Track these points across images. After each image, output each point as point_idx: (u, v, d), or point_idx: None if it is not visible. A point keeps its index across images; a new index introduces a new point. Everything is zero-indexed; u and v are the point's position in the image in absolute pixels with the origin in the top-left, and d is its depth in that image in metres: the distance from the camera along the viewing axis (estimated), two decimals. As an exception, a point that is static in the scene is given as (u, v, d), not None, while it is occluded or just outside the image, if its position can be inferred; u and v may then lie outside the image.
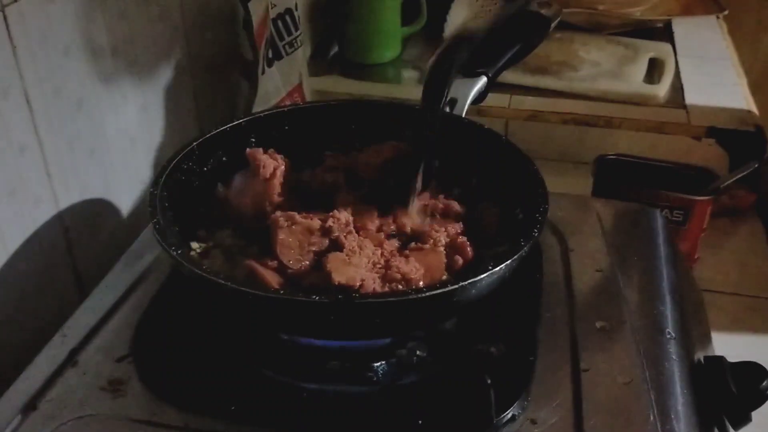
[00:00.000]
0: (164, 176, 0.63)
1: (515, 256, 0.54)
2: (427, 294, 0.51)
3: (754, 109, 1.10)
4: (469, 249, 0.60)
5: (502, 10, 0.80)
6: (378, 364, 0.58)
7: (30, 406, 0.54)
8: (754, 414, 0.60)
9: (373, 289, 0.56)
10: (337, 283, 0.55)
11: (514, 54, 0.77)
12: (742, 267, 0.97)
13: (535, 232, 0.57)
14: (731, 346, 0.66)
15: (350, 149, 0.71)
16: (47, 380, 0.56)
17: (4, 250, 0.64)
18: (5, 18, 0.60)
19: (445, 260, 0.60)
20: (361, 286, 0.55)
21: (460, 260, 0.60)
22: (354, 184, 0.67)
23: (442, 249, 0.60)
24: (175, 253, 0.55)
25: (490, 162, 0.68)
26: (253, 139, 0.72)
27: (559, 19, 0.81)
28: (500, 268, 0.53)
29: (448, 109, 0.71)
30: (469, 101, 0.71)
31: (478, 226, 0.64)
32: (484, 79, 0.73)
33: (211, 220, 0.66)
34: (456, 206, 0.65)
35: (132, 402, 0.55)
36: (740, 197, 1.06)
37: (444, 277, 0.58)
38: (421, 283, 0.57)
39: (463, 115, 0.71)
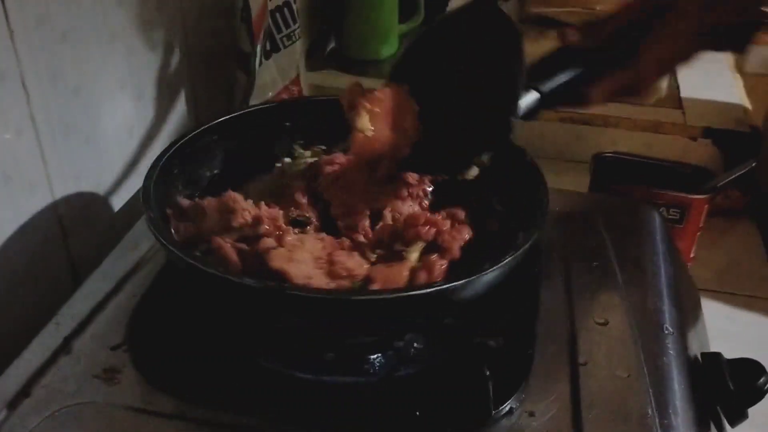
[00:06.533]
0: (158, 168, 0.62)
1: (517, 254, 0.53)
2: (424, 291, 0.51)
3: (750, 110, 1.10)
4: (438, 267, 0.57)
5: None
6: (374, 356, 0.58)
7: (23, 393, 0.53)
8: (751, 411, 0.60)
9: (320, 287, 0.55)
10: (280, 271, 0.54)
11: (575, 78, 0.69)
12: (736, 266, 0.98)
13: (534, 230, 0.56)
14: (726, 344, 0.66)
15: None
16: (41, 367, 0.56)
17: (-2, 236, 0.63)
18: (3, 1, 0.59)
19: (406, 277, 0.57)
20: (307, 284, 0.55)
21: (423, 276, 0.57)
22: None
23: (408, 265, 0.58)
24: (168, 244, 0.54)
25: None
26: (256, 132, 0.72)
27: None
28: (499, 267, 0.52)
29: None
30: None
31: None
32: (535, 95, 0.67)
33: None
34: (460, 214, 0.63)
35: (127, 390, 0.54)
36: (735, 198, 1.06)
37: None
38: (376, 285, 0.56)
39: None
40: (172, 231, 0.60)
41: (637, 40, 0.69)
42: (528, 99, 0.67)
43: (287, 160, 0.72)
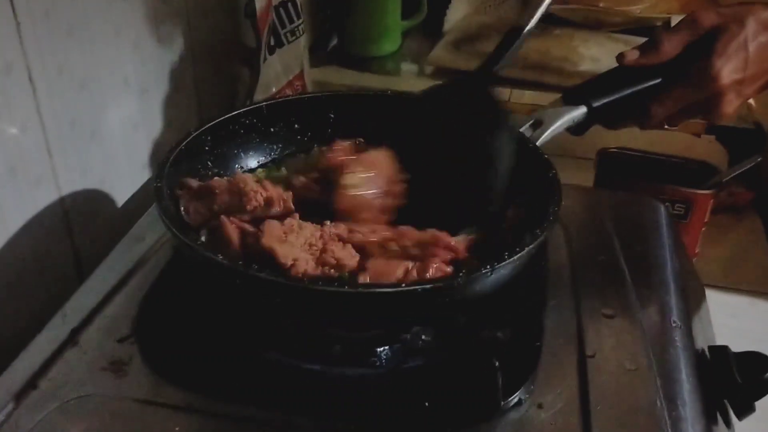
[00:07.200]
0: (168, 163, 0.62)
1: (519, 254, 0.53)
2: (417, 288, 0.50)
3: (754, 106, 1.10)
4: (433, 269, 0.57)
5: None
6: (382, 348, 0.58)
7: (30, 385, 0.53)
8: (758, 404, 0.60)
9: (305, 270, 0.55)
10: (267, 249, 0.54)
11: (635, 95, 0.70)
12: (741, 262, 0.98)
13: (539, 232, 0.56)
14: (731, 338, 0.66)
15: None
16: (48, 360, 0.56)
17: (4, 230, 0.63)
18: (10, -6, 0.59)
19: (400, 274, 0.57)
20: (292, 265, 0.55)
21: (414, 274, 0.57)
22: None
23: (406, 264, 0.58)
24: (182, 235, 0.54)
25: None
26: (273, 129, 0.72)
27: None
28: (499, 268, 0.52)
29: (531, 131, 0.68)
30: (554, 127, 0.67)
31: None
32: (582, 109, 0.68)
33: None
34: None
35: (134, 382, 0.54)
36: (739, 194, 1.06)
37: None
38: (365, 278, 0.56)
39: (539, 142, 0.66)
40: (182, 211, 0.60)
41: (703, 57, 0.67)
42: (574, 113, 0.67)
43: (324, 148, 0.72)
